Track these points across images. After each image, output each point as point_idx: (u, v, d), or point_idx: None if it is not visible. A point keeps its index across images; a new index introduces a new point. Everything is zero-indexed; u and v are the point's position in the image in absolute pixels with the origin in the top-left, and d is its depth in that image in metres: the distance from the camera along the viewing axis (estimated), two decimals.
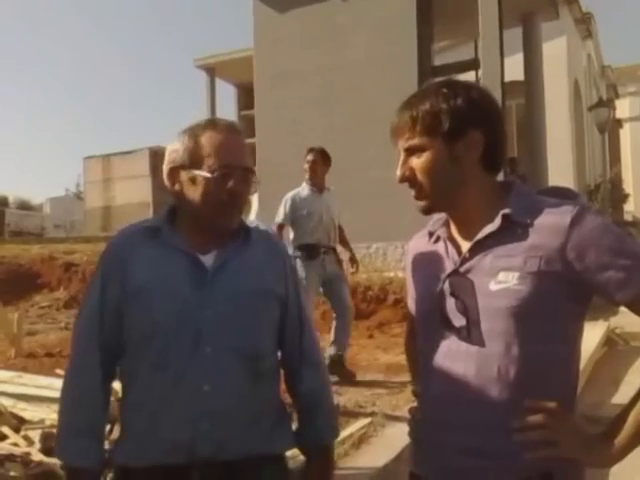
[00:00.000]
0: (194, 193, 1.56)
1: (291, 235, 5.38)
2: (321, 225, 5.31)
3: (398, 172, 1.36)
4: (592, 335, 6.12)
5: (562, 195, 1.38)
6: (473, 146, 1.32)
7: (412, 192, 1.37)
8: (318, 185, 5.35)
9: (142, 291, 1.53)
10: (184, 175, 1.58)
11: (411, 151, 1.34)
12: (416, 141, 1.32)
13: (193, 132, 1.59)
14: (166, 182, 1.63)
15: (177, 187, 1.60)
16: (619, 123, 20.97)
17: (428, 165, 1.32)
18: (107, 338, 1.57)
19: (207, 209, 1.55)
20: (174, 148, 1.61)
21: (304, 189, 5.38)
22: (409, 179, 1.35)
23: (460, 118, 1.30)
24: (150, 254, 1.58)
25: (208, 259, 1.57)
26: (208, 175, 1.53)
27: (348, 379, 5.04)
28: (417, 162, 1.33)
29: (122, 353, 1.58)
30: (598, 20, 17.50)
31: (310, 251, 5.22)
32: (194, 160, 1.56)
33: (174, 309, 1.51)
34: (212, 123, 1.61)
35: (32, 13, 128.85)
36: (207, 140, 1.56)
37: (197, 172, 1.55)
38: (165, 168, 1.62)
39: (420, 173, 1.33)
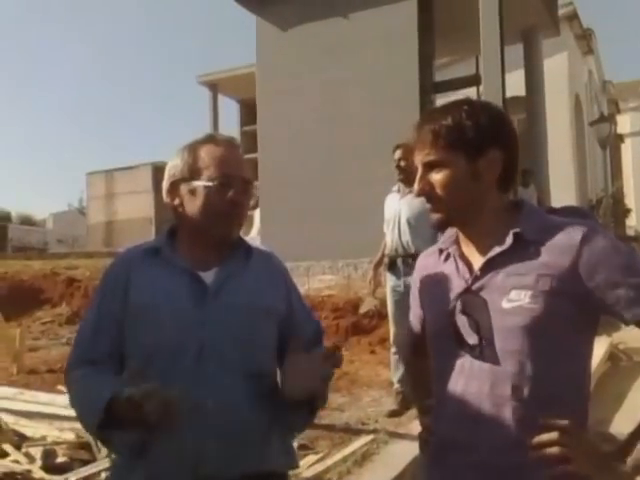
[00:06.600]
0: (194, 204, 1.55)
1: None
2: None
3: (416, 186, 1.35)
4: (595, 351, 6.03)
5: (574, 214, 1.37)
6: (494, 164, 1.31)
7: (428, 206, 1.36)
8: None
9: (143, 310, 1.52)
10: (184, 188, 1.57)
11: (430, 166, 1.33)
12: (437, 156, 1.31)
13: (192, 147, 1.60)
14: (166, 199, 1.62)
15: (177, 202, 1.59)
16: (620, 138, 21.02)
17: (449, 181, 1.31)
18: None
19: (208, 219, 1.54)
20: (174, 164, 1.61)
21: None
22: (427, 194, 1.34)
23: (484, 135, 1.29)
24: (151, 273, 1.56)
25: (209, 276, 1.55)
26: (209, 184, 1.53)
27: None
28: (437, 177, 1.32)
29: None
30: (599, 36, 17.63)
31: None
32: (193, 172, 1.56)
33: (176, 327, 1.49)
34: (211, 137, 1.62)
35: (32, 26, 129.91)
36: (206, 153, 1.57)
37: (197, 183, 1.55)
38: (165, 184, 1.62)
39: (440, 189, 1.32)
